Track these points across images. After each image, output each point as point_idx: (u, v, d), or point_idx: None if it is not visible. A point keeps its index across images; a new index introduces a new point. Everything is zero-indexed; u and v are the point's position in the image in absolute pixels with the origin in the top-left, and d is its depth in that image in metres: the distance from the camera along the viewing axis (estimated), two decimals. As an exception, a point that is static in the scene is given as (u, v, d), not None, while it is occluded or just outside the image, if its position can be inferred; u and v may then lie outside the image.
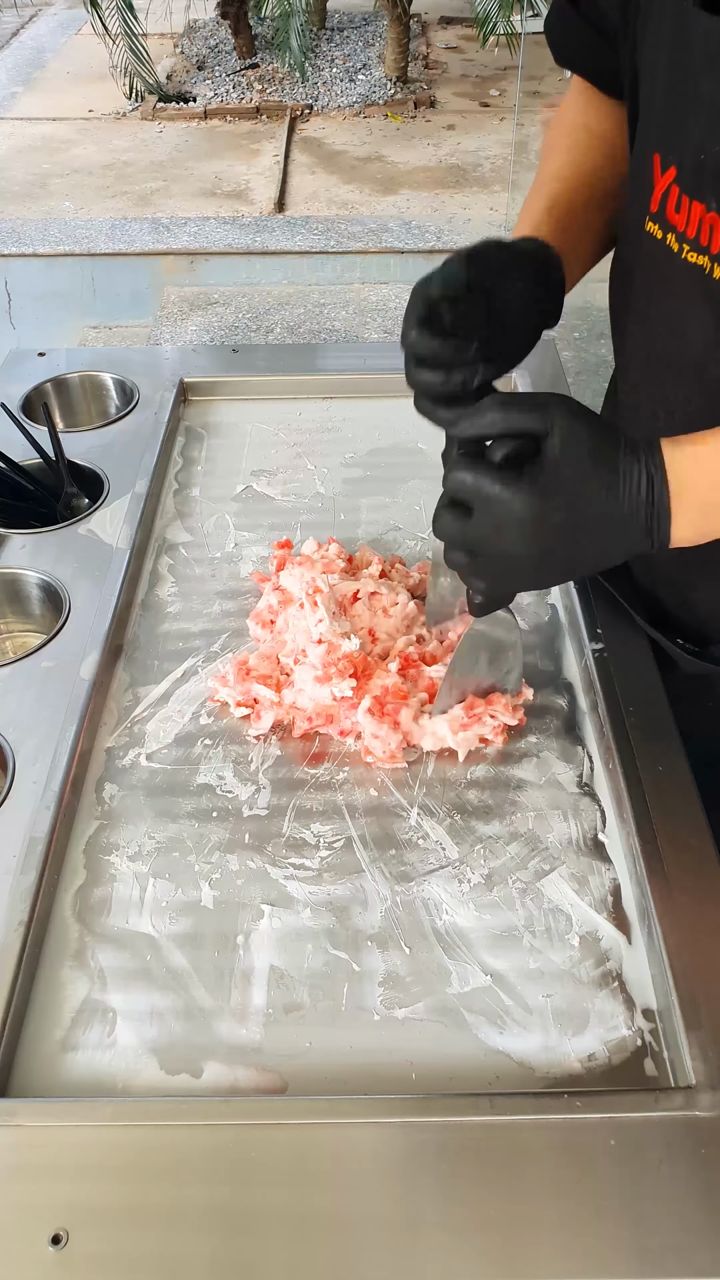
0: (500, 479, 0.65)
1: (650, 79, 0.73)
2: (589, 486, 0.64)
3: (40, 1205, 0.59)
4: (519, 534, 0.66)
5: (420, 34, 6.23)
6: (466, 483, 0.66)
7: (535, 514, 0.64)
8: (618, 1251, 0.57)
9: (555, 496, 0.64)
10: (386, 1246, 0.57)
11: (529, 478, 0.64)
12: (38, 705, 0.87)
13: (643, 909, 0.73)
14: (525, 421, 0.65)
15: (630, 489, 0.64)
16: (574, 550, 0.67)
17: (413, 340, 0.70)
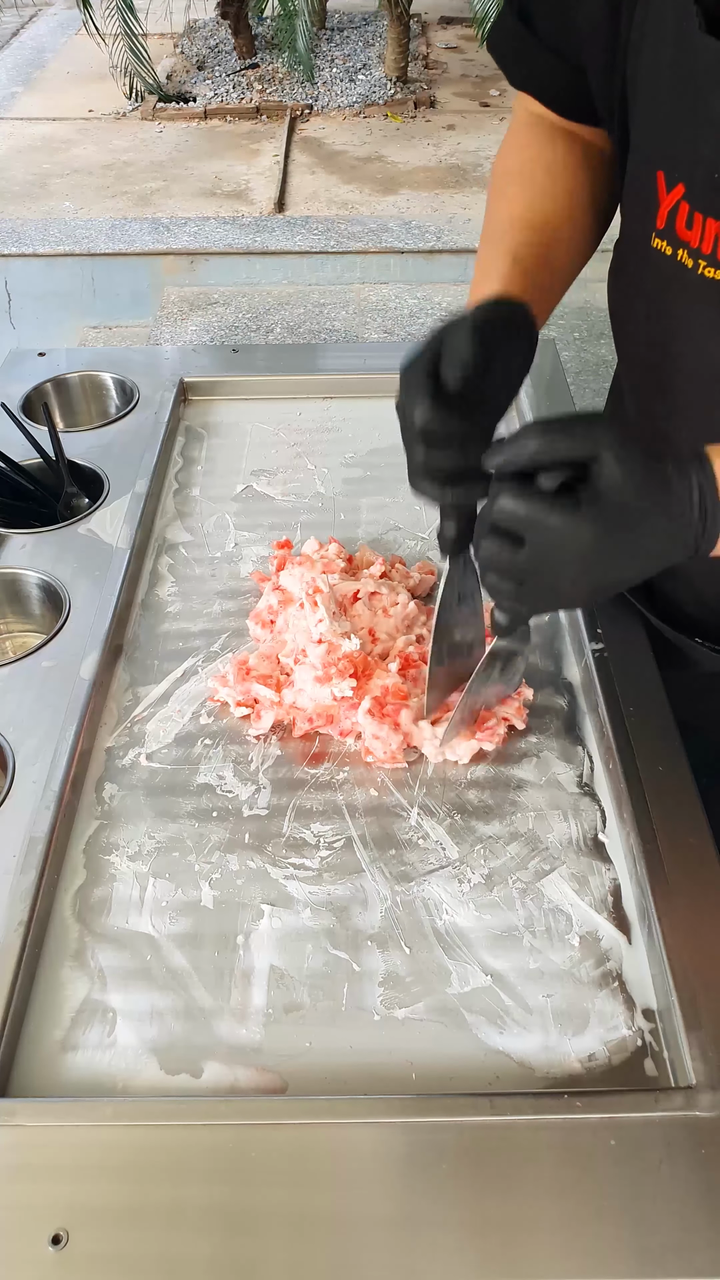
0: (559, 509, 0.61)
1: (650, 99, 0.72)
2: (646, 510, 0.62)
3: (40, 1205, 0.59)
4: (579, 565, 0.63)
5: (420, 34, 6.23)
6: (519, 513, 0.63)
7: (597, 544, 0.62)
8: (618, 1251, 0.57)
9: (614, 522, 0.62)
10: (386, 1246, 0.57)
11: (588, 507, 0.61)
12: (38, 705, 0.87)
13: (643, 909, 0.73)
14: (572, 448, 0.62)
15: (683, 506, 0.62)
16: (627, 574, 0.66)
17: (424, 424, 0.67)
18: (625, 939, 0.72)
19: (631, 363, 0.86)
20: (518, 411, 1.24)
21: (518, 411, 1.24)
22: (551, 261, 0.82)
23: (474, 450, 0.67)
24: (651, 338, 0.80)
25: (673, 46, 0.69)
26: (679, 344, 0.77)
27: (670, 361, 0.79)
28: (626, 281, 0.83)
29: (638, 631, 0.92)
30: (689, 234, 0.71)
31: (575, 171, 0.85)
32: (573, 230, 0.84)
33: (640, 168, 0.75)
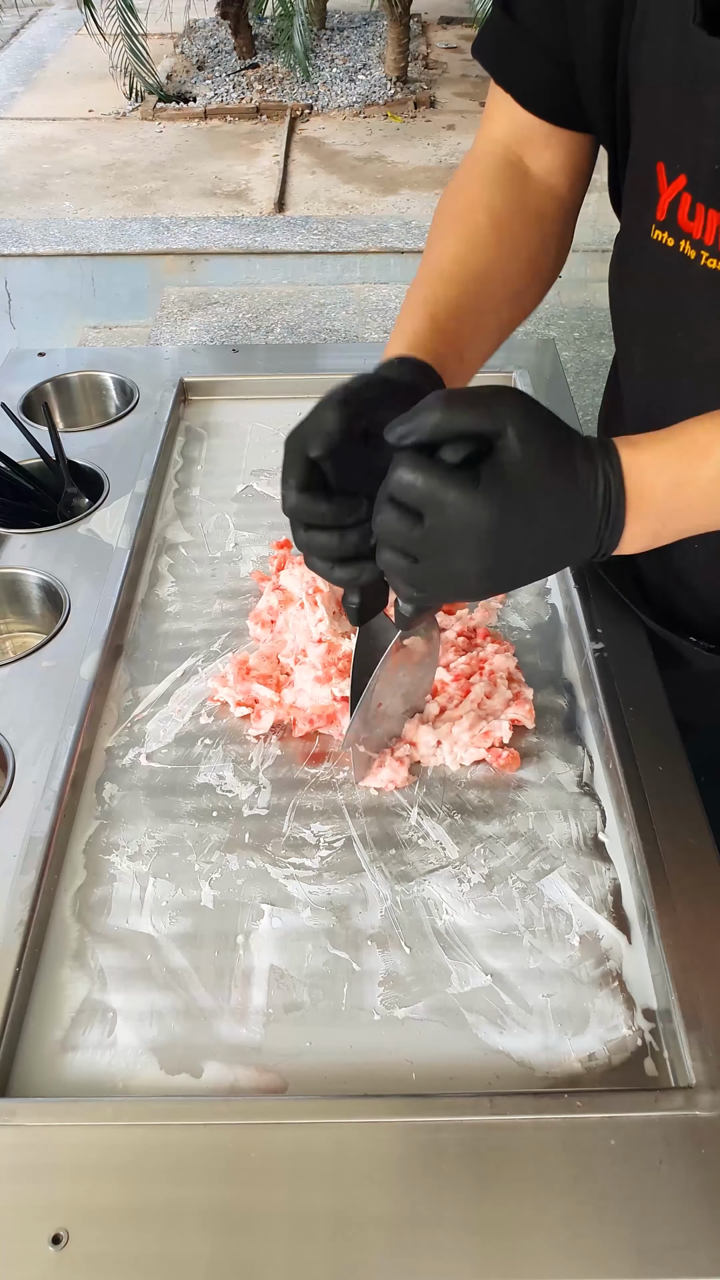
0: (458, 484, 0.59)
1: (651, 91, 0.72)
2: (548, 491, 0.60)
3: (40, 1205, 0.59)
4: (476, 544, 0.60)
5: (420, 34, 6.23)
6: (416, 486, 0.60)
7: (495, 522, 0.59)
8: (618, 1251, 0.57)
9: (516, 501, 0.59)
10: (386, 1246, 0.57)
11: (488, 483, 0.59)
12: (38, 705, 0.87)
13: (643, 909, 0.73)
14: (476, 422, 0.59)
15: (589, 493, 0.61)
16: (526, 559, 0.63)
17: (294, 505, 0.65)
18: (625, 939, 0.72)
19: (631, 356, 0.86)
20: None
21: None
22: (479, 318, 0.79)
23: (352, 534, 0.65)
24: (652, 329, 0.80)
25: (673, 40, 0.69)
26: (680, 335, 0.77)
27: (671, 353, 0.79)
28: (627, 275, 0.82)
29: (638, 631, 0.92)
30: (691, 225, 0.71)
31: (521, 218, 0.83)
32: (507, 284, 0.82)
33: (640, 160, 0.75)
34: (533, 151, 0.85)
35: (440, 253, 0.82)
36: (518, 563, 0.63)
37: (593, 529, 0.62)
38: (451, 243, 0.82)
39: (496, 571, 0.63)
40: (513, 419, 0.59)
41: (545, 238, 0.85)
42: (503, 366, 1.29)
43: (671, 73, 0.69)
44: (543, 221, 0.85)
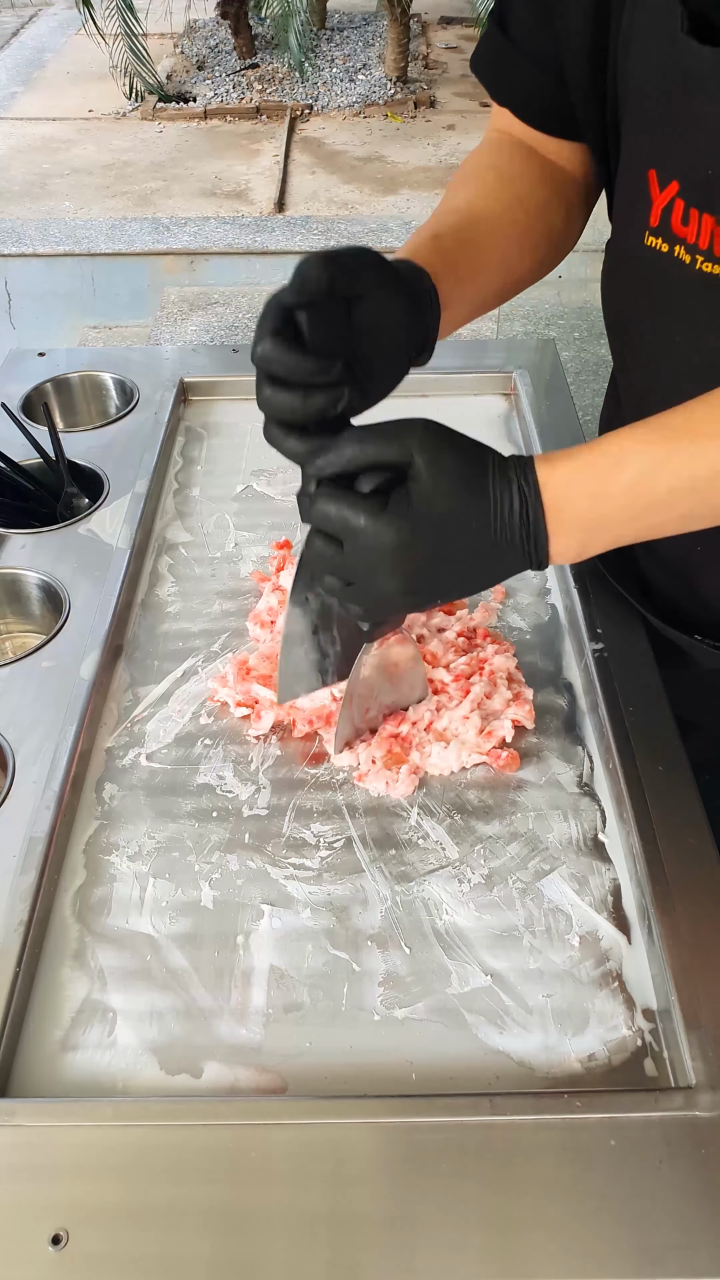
0: (366, 511, 0.63)
1: (641, 99, 0.73)
2: (457, 514, 0.63)
3: (40, 1205, 0.59)
4: (389, 566, 0.64)
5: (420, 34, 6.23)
6: (330, 515, 0.64)
7: (403, 546, 0.63)
8: (618, 1251, 0.57)
9: (422, 527, 0.63)
10: (386, 1246, 0.57)
11: (393, 510, 0.63)
12: (38, 705, 0.87)
13: (643, 909, 0.73)
14: (385, 453, 0.63)
15: (503, 513, 0.63)
16: (448, 576, 0.66)
17: (264, 353, 0.63)
18: (625, 939, 0.72)
19: (629, 363, 0.86)
20: (518, 414, 1.24)
21: (518, 414, 1.24)
22: (478, 248, 0.80)
23: (317, 399, 0.64)
24: (648, 335, 0.80)
25: (661, 47, 0.69)
26: (677, 340, 0.77)
27: (669, 358, 0.79)
28: (621, 281, 0.83)
29: (638, 631, 0.92)
30: (685, 230, 0.71)
31: (529, 182, 0.84)
32: (512, 230, 0.82)
33: (631, 167, 0.75)
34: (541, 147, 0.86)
35: (450, 199, 0.83)
36: (439, 578, 0.66)
37: (515, 542, 0.64)
38: (461, 190, 0.84)
39: (418, 588, 0.66)
40: (418, 448, 0.62)
41: (555, 194, 0.85)
42: (503, 366, 1.29)
43: (661, 80, 0.70)
44: (553, 184, 0.85)
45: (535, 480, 0.63)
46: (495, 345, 1.47)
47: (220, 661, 0.94)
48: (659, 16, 0.68)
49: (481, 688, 0.87)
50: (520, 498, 0.63)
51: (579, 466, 0.64)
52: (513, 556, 0.65)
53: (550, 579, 1.03)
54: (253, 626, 0.96)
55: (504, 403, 1.28)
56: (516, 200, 0.83)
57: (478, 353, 1.37)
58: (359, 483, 0.64)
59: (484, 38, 0.85)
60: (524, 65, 0.81)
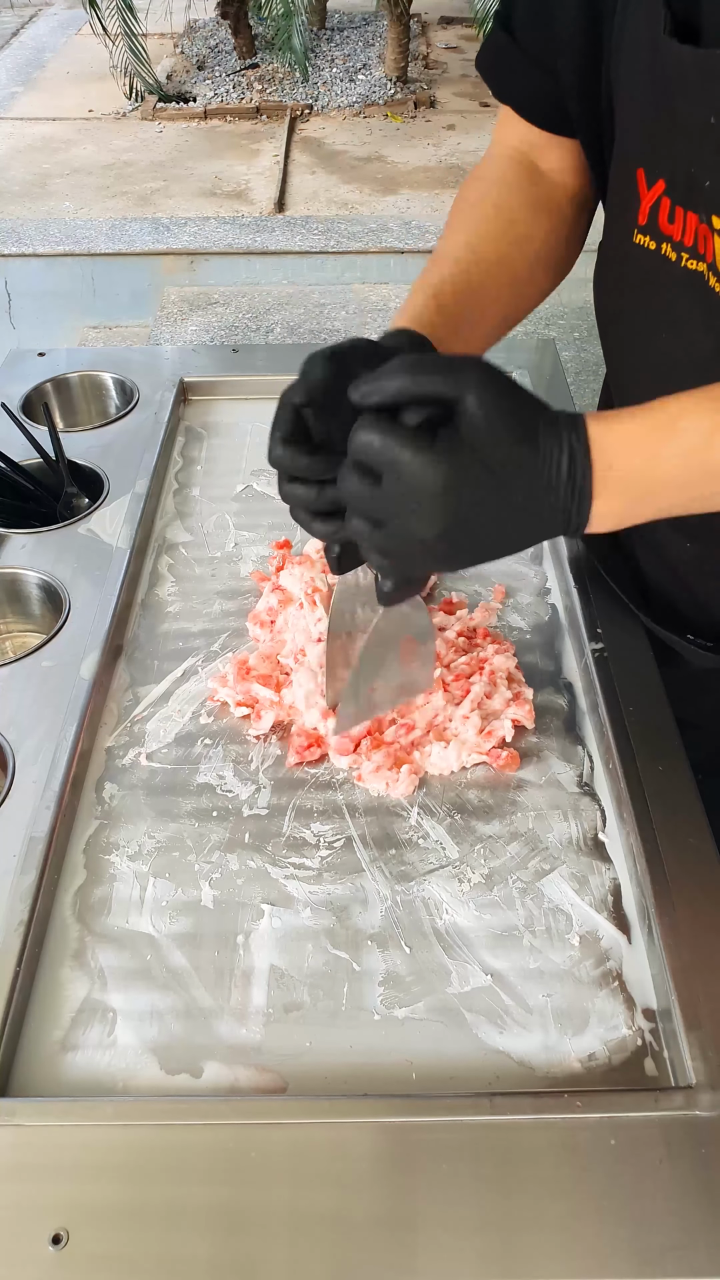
0: (413, 444, 0.59)
1: (629, 99, 0.74)
2: (507, 458, 0.60)
3: (40, 1205, 0.59)
4: (430, 505, 0.60)
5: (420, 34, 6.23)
6: (374, 446, 0.60)
7: (449, 484, 0.59)
8: (618, 1251, 0.57)
9: (471, 466, 0.59)
10: (386, 1246, 0.57)
11: (443, 444, 0.59)
12: (38, 705, 0.87)
13: (643, 909, 0.73)
14: (437, 386, 0.60)
15: (551, 465, 0.60)
16: (487, 527, 0.62)
17: (278, 457, 0.66)
18: (625, 939, 0.72)
19: (619, 360, 0.87)
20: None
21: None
22: (481, 301, 0.81)
23: (331, 489, 0.65)
24: (637, 333, 0.81)
25: (647, 49, 0.70)
26: (665, 337, 0.77)
27: (657, 355, 0.79)
28: (611, 280, 0.83)
29: (637, 631, 0.92)
30: (671, 228, 0.72)
31: (527, 218, 0.85)
32: (509, 277, 0.83)
33: (621, 166, 0.76)
34: (541, 154, 0.88)
35: (447, 241, 0.84)
36: (478, 529, 0.62)
37: (558, 502, 0.61)
38: (459, 232, 0.84)
39: (455, 536, 0.62)
40: (474, 385, 0.59)
41: (554, 227, 0.87)
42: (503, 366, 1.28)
43: (647, 81, 0.71)
44: (551, 212, 0.87)
45: (586, 436, 0.60)
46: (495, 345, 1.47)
47: (220, 661, 0.94)
48: (645, 17, 0.69)
49: (481, 687, 0.87)
50: (570, 452, 0.60)
51: (634, 428, 0.61)
52: (551, 515, 0.62)
53: (550, 579, 1.03)
54: (252, 626, 0.96)
55: (504, 403, 1.27)
56: (515, 245, 0.84)
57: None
58: (405, 415, 0.60)
59: (489, 37, 0.87)
60: (524, 63, 0.83)
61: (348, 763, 0.84)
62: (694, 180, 0.69)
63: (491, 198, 0.86)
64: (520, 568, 1.04)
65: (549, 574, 1.03)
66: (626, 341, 0.84)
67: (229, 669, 0.91)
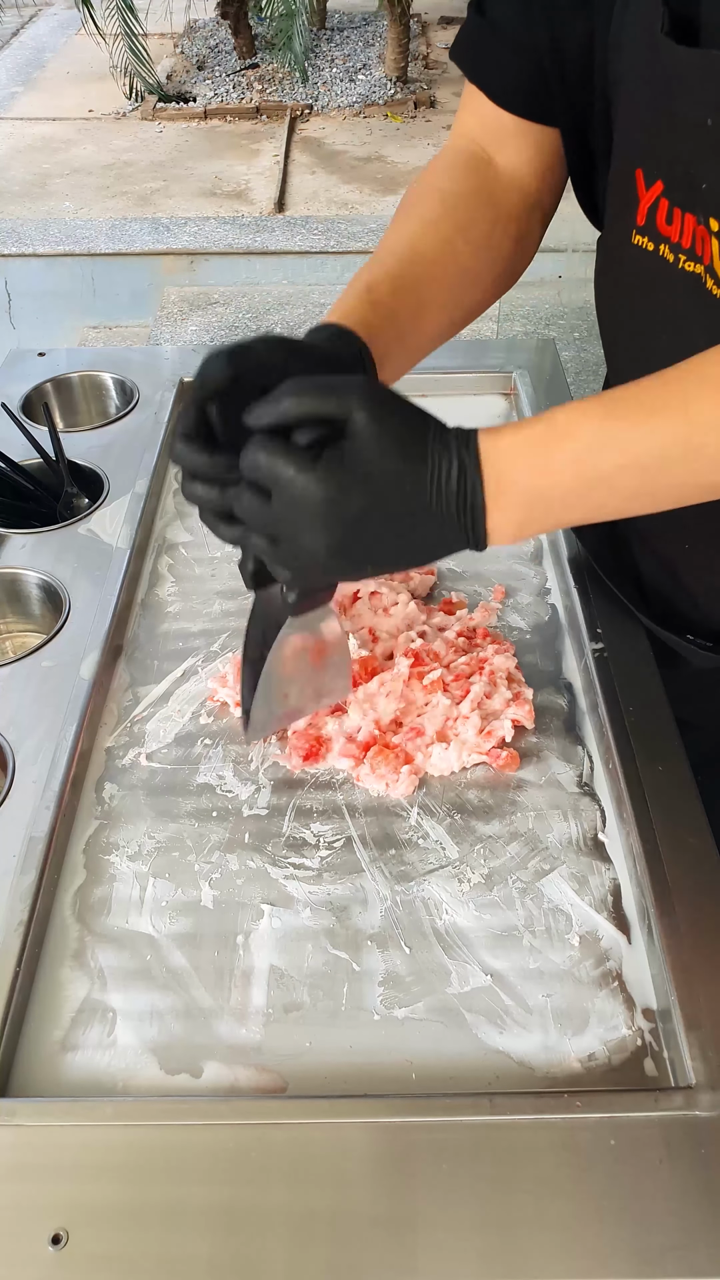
0: (296, 462, 0.61)
1: (629, 99, 0.73)
2: (391, 473, 0.61)
3: (40, 1205, 0.59)
4: (315, 521, 0.61)
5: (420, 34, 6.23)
6: (260, 464, 0.62)
7: (330, 500, 0.61)
8: (618, 1251, 0.57)
9: (352, 483, 0.61)
10: (386, 1246, 0.57)
11: (325, 461, 0.61)
12: (38, 705, 0.87)
13: (643, 909, 0.73)
14: (323, 405, 0.61)
15: (439, 479, 0.61)
16: (381, 540, 0.63)
17: (178, 453, 0.65)
18: (625, 939, 0.72)
19: (619, 362, 0.87)
20: (518, 414, 1.24)
21: (518, 414, 1.24)
22: (421, 292, 0.79)
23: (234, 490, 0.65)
24: (636, 334, 0.81)
25: (646, 47, 0.70)
26: (663, 339, 0.77)
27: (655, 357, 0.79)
28: (611, 281, 0.83)
29: (637, 631, 0.92)
30: (669, 229, 0.72)
31: (472, 209, 0.83)
32: (453, 265, 0.81)
33: (621, 166, 0.76)
34: (501, 147, 0.85)
35: (388, 236, 0.83)
36: (371, 542, 0.63)
37: (451, 515, 0.62)
38: (401, 225, 0.83)
39: (346, 549, 0.63)
40: (358, 404, 0.61)
41: (501, 221, 0.85)
42: (503, 366, 1.29)
43: (645, 80, 0.70)
44: (498, 206, 0.85)
45: (476, 449, 0.62)
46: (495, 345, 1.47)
47: (220, 661, 0.94)
48: (645, 16, 0.69)
49: (481, 687, 0.87)
50: (459, 466, 0.61)
51: (523, 439, 0.62)
52: (449, 529, 0.63)
53: (550, 579, 1.03)
54: (253, 626, 0.96)
55: (504, 403, 1.28)
56: (458, 231, 0.82)
57: (478, 353, 1.37)
58: (295, 435, 0.62)
59: (464, 24, 0.86)
60: (500, 48, 0.81)
61: (349, 763, 0.84)
62: (692, 181, 0.69)
63: (437, 188, 0.84)
64: (520, 568, 1.04)
65: (549, 574, 1.03)
66: (625, 342, 0.84)
67: (229, 669, 0.91)
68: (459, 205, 0.83)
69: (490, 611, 0.98)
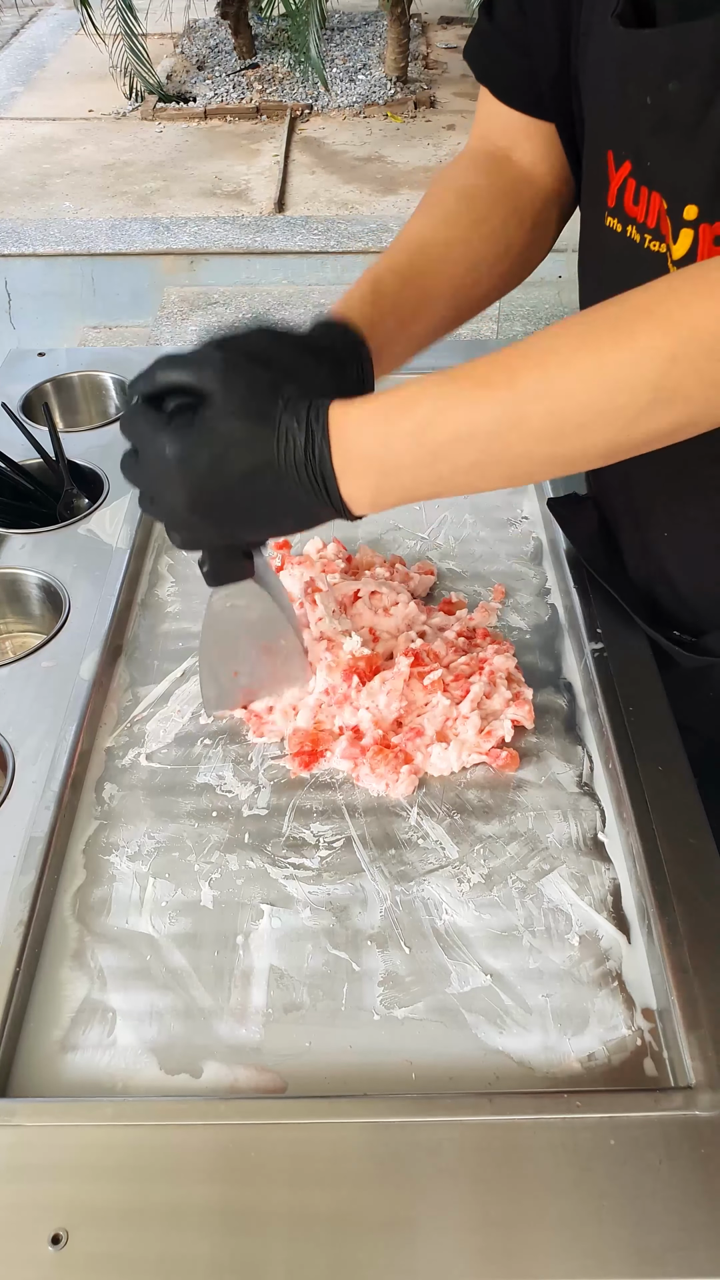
0: (153, 424, 0.67)
1: (595, 82, 0.76)
2: (237, 435, 0.65)
3: (40, 1205, 0.59)
4: (169, 477, 0.67)
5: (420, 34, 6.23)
6: (126, 426, 0.70)
7: (179, 456, 0.66)
8: (618, 1251, 0.57)
9: (202, 442, 0.66)
10: (386, 1246, 0.57)
11: (178, 422, 0.67)
12: (37, 705, 0.87)
13: (642, 909, 0.73)
14: (182, 375, 0.67)
15: (287, 444, 0.65)
16: (234, 501, 0.68)
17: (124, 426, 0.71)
18: (625, 939, 0.72)
19: None
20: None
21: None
22: (425, 280, 0.81)
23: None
24: None
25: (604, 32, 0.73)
26: None
27: None
28: (587, 265, 0.84)
29: (637, 631, 0.92)
30: (636, 209, 0.73)
31: (488, 201, 0.85)
32: (464, 255, 0.83)
33: (593, 150, 0.78)
34: (515, 144, 0.88)
35: (405, 229, 0.85)
36: (225, 501, 0.68)
37: (304, 480, 0.66)
38: (416, 220, 0.86)
39: (204, 505, 0.69)
40: (210, 372, 0.66)
41: (516, 214, 0.86)
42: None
43: (603, 64, 0.73)
44: (515, 200, 0.86)
45: (325, 418, 0.65)
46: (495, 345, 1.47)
47: (220, 661, 0.94)
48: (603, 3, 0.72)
49: (481, 687, 0.87)
50: (306, 432, 0.65)
51: (371, 409, 0.65)
52: (305, 494, 0.67)
53: (550, 579, 1.03)
54: (253, 626, 0.96)
55: (504, 403, 1.28)
56: (473, 225, 0.84)
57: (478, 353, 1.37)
58: (165, 403, 0.69)
59: (475, 26, 0.89)
60: (506, 49, 0.84)
61: (348, 764, 0.84)
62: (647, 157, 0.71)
63: (455, 184, 0.87)
64: (520, 568, 1.04)
65: (549, 574, 1.03)
66: None
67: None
68: (475, 199, 0.85)
69: (490, 611, 0.98)
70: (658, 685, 0.87)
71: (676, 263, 0.70)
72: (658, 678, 0.88)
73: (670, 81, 0.67)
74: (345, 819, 0.81)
